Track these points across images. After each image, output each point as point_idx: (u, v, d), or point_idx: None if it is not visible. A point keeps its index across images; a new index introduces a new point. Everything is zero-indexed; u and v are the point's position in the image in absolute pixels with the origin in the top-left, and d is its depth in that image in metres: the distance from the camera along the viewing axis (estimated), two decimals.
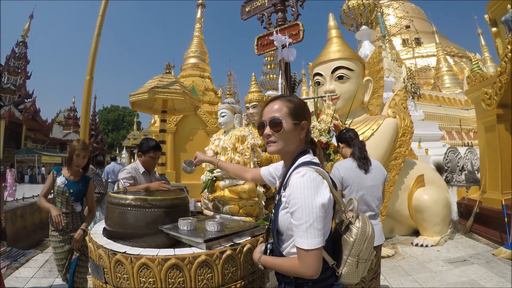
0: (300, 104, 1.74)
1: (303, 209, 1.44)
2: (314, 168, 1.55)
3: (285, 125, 1.66)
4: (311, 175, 1.49)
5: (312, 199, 1.44)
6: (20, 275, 5.60)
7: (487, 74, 8.28)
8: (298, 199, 1.46)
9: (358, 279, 1.65)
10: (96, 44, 8.01)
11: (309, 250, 1.41)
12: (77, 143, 3.81)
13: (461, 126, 20.40)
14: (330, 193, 1.50)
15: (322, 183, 1.50)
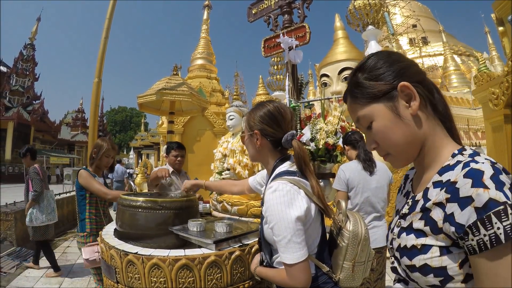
0: (254, 113, 1.76)
1: (279, 225, 1.43)
2: (288, 179, 1.53)
3: (246, 137, 1.77)
4: (283, 189, 1.48)
5: (287, 214, 1.42)
6: (29, 274, 5.68)
7: (494, 74, 8.25)
8: (274, 216, 1.46)
9: (359, 282, 1.65)
10: (104, 46, 8.09)
11: (293, 265, 1.41)
12: (104, 143, 3.70)
13: (469, 126, 20.28)
14: (308, 203, 1.49)
15: (297, 194, 1.49)
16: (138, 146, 45.83)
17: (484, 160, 0.83)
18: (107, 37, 8.25)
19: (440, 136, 0.97)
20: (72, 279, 5.48)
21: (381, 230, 3.17)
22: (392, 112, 0.96)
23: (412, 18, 31.51)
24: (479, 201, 0.76)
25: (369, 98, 0.99)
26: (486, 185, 0.77)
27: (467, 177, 0.80)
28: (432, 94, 0.98)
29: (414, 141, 0.97)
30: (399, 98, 0.95)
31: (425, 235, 0.89)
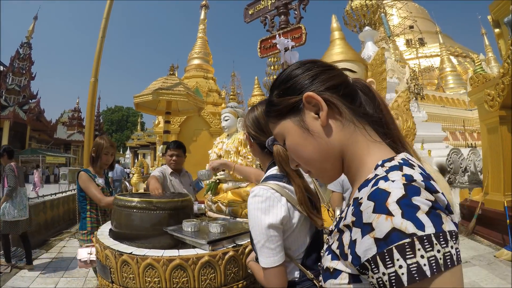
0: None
1: (255, 230, 1.45)
2: (271, 184, 1.53)
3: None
4: (263, 195, 1.48)
5: (261, 221, 1.43)
6: (25, 274, 5.66)
7: (490, 76, 8.29)
8: (251, 220, 1.48)
9: None
10: (101, 46, 8.08)
11: (267, 269, 1.43)
12: (103, 140, 3.69)
13: (465, 127, 20.37)
14: (287, 212, 1.48)
15: (276, 202, 1.48)
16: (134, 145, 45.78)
17: (398, 177, 0.68)
18: (103, 37, 8.25)
19: (363, 144, 0.85)
20: (68, 279, 5.47)
21: None
22: (300, 126, 0.89)
23: (409, 19, 31.62)
24: (380, 231, 0.63)
25: (278, 115, 0.94)
26: (390, 211, 0.63)
27: (370, 199, 0.67)
28: (353, 98, 0.88)
29: (330, 155, 0.87)
30: (306, 110, 0.88)
31: (338, 259, 0.78)
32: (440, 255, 0.59)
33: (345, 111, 0.85)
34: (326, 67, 0.91)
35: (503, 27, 9.91)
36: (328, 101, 0.84)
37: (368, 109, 0.88)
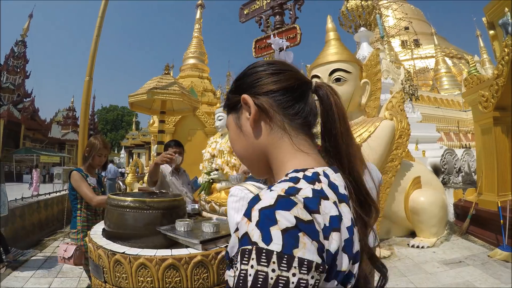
0: None
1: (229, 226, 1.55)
2: (247, 185, 1.59)
3: None
4: (238, 194, 1.54)
5: (233, 219, 1.50)
6: (19, 274, 5.63)
7: (484, 77, 8.33)
8: (228, 219, 1.56)
9: None
10: (96, 45, 8.05)
11: None
12: (96, 141, 3.65)
13: (459, 128, 20.46)
14: None
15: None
16: (129, 145, 45.69)
17: (279, 188, 0.68)
18: (98, 36, 8.22)
19: (287, 151, 0.85)
20: (61, 279, 5.44)
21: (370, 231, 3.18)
22: (236, 124, 0.93)
23: (404, 21, 31.74)
24: (240, 232, 0.65)
25: (227, 109, 0.98)
26: (251, 216, 0.64)
27: (249, 202, 0.69)
28: (291, 105, 0.86)
29: (255, 154, 0.90)
30: (243, 110, 0.90)
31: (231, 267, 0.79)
32: (273, 275, 0.57)
33: (276, 117, 0.86)
34: (276, 71, 0.88)
35: (497, 29, 9.95)
36: (261, 105, 0.85)
37: (310, 118, 0.88)
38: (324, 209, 0.66)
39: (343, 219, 0.69)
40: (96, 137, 3.73)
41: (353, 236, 0.70)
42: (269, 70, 0.88)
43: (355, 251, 0.69)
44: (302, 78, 0.88)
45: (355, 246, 0.70)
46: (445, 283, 5.02)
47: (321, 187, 0.71)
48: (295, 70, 0.89)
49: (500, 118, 7.32)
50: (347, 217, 0.70)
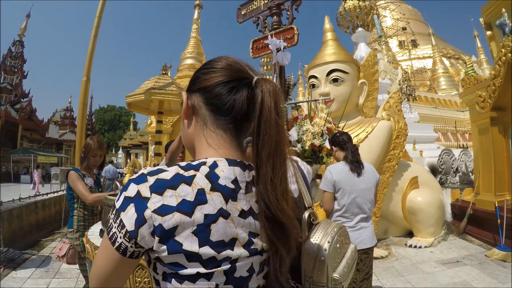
0: None
1: None
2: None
3: None
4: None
5: None
6: (17, 275, 5.62)
7: (481, 77, 8.35)
8: None
9: None
10: (93, 45, 8.05)
11: None
12: (92, 141, 3.65)
13: (456, 128, 20.49)
14: None
15: None
16: (127, 145, 45.63)
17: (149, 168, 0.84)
18: (96, 36, 8.21)
19: (203, 144, 0.94)
20: (59, 280, 5.44)
21: (368, 231, 3.18)
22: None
23: (402, 21, 31.75)
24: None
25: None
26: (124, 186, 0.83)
27: None
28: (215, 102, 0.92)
29: (188, 143, 1.00)
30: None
31: None
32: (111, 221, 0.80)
33: (201, 112, 0.94)
34: (210, 69, 0.94)
35: (494, 29, 9.99)
36: (191, 101, 0.96)
37: (236, 114, 0.91)
38: (180, 192, 0.77)
39: (206, 206, 0.77)
40: (92, 138, 3.75)
41: (213, 224, 0.77)
42: (204, 69, 0.96)
43: (216, 240, 0.76)
44: (235, 75, 0.91)
45: (219, 236, 0.77)
46: (442, 282, 5.03)
47: (193, 174, 0.80)
48: (231, 68, 0.92)
49: (497, 118, 7.34)
50: (213, 205, 0.78)
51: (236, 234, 0.80)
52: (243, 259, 0.80)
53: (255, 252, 0.82)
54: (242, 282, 0.81)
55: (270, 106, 0.85)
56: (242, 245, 0.80)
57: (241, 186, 0.84)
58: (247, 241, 0.81)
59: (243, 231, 0.81)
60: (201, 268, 0.76)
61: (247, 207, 0.83)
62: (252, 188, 0.86)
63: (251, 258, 0.81)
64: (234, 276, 0.79)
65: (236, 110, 0.90)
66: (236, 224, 0.80)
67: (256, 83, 0.89)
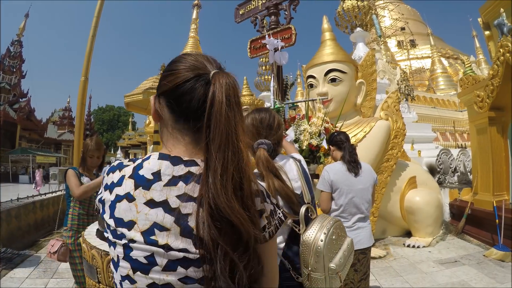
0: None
1: None
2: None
3: None
4: None
5: None
6: (15, 275, 5.61)
7: (479, 77, 8.37)
8: None
9: None
10: (91, 45, 8.04)
11: None
12: (90, 142, 3.67)
13: (455, 128, 20.51)
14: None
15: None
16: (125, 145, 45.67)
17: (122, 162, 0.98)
18: (94, 35, 8.20)
19: (163, 142, 1.02)
20: (57, 280, 5.43)
21: (365, 231, 3.18)
22: None
23: (400, 21, 31.76)
24: None
25: None
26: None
27: None
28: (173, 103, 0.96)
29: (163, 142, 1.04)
30: None
31: None
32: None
33: (163, 113, 1.00)
34: (169, 72, 0.98)
35: (493, 29, 9.97)
36: (157, 104, 1.01)
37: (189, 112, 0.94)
38: (113, 176, 0.94)
39: (119, 188, 0.90)
40: (92, 139, 3.75)
41: (118, 203, 0.88)
42: (165, 72, 1.01)
43: (118, 216, 0.87)
44: (193, 74, 0.93)
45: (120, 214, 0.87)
46: (440, 282, 5.04)
47: (127, 164, 0.95)
48: (189, 67, 0.95)
49: (495, 118, 7.35)
50: (124, 188, 0.89)
51: (136, 218, 0.85)
52: (140, 244, 0.83)
53: (154, 244, 0.83)
54: (140, 266, 0.84)
55: (220, 99, 0.86)
56: (140, 231, 0.84)
57: (161, 179, 0.88)
58: (147, 230, 0.83)
59: (145, 218, 0.84)
60: (110, 235, 0.89)
61: (160, 199, 0.86)
62: (181, 183, 0.88)
63: (149, 247, 0.83)
64: (131, 255, 0.84)
65: (192, 110, 0.93)
66: (139, 210, 0.85)
67: (212, 78, 0.91)
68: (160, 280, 0.83)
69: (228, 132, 0.85)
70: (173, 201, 0.85)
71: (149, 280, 0.84)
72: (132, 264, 0.84)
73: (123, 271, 0.86)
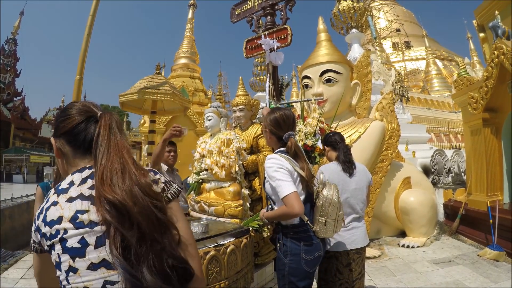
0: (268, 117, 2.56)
1: (271, 173, 2.26)
2: (279, 154, 2.38)
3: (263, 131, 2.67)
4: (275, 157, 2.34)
5: (275, 165, 2.28)
6: (9, 276, 5.58)
7: (474, 79, 8.40)
8: (267, 173, 2.31)
9: (331, 234, 2.39)
10: (86, 44, 7.99)
11: (287, 195, 2.14)
12: None
13: (449, 129, 20.59)
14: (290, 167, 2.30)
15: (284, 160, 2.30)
16: None
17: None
18: (89, 34, 8.14)
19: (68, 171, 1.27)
20: None
21: (360, 231, 3.18)
22: None
23: (396, 23, 31.87)
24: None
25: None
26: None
27: None
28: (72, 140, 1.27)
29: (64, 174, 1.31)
30: None
31: None
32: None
33: (65, 150, 1.28)
34: (65, 117, 1.28)
35: (487, 31, 10.03)
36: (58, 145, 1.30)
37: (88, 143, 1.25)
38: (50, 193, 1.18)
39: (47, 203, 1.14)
40: None
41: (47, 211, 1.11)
42: (61, 117, 1.30)
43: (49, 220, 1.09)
44: (85, 116, 1.27)
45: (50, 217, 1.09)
46: (435, 282, 5.05)
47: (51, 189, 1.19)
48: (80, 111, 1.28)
49: (489, 120, 7.39)
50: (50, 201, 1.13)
51: (62, 213, 1.08)
52: (71, 231, 1.05)
53: (81, 226, 1.06)
54: (76, 252, 1.04)
55: (103, 127, 1.21)
56: (68, 220, 1.06)
57: (74, 183, 1.16)
58: (72, 216, 1.07)
59: (68, 209, 1.08)
60: (48, 241, 1.08)
61: (76, 194, 1.12)
62: (89, 180, 1.17)
63: (79, 231, 1.05)
64: (67, 246, 1.04)
65: (88, 140, 1.24)
66: (63, 207, 1.09)
67: (99, 117, 1.26)
68: (96, 258, 1.03)
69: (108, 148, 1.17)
70: (86, 191, 1.13)
71: (87, 262, 1.03)
72: (70, 253, 1.04)
73: (65, 265, 1.04)
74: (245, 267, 2.88)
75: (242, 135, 4.66)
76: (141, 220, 1.05)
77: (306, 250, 2.32)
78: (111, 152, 1.17)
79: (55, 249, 1.06)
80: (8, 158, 30.26)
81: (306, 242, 2.34)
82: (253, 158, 4.44)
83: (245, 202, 3.98)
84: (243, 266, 2.81)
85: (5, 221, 7.20)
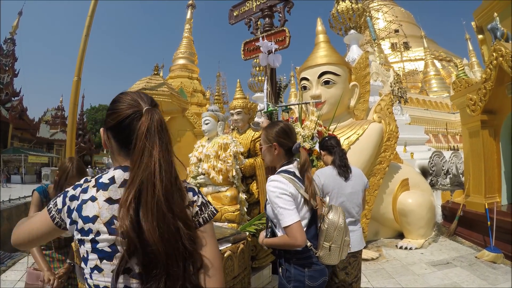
0: (270, 130, 2.42)
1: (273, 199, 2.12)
2: (282, 175, 2.22)
3: (264, 148, 2.46)
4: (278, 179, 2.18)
5: (277, 190, 2.12)
6: (6, 278, 5.57)
7: (472, 80, 8.41)
8: (269, 197, 2.17)
9: (335, 261, 2.27)
10: (84, 44, 7.99)
11: (289, 225, 2.02)
12: (70, 166, 2.97)
13: (447, 130, 20.60)
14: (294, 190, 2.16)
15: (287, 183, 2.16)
16: None
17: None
18: (87, 35, 8.15)
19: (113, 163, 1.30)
20: None
21: (356, 235, 3.19)
22: None
23: (394, 23, 31.87)
24: None
25: None
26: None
27: None
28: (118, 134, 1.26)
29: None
30: None
31: None
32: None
33: (111, 141, 1.28)
34: (113, 111, 1.26)
35: (486, 33, 10.04)
36: (106, 135, 1.30)
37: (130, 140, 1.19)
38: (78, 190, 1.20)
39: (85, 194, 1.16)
40: (72, 160, 3.08)
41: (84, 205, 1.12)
42: (109, 110, 1.27)
43: (85, 215, 1.10)
44: (130, 112, 1.22)
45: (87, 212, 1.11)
46: (432, 284, 5.06)
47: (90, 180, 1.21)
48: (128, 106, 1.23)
49: (487, 122, 7.40)
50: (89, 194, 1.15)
51: (98, 212, 1.09)
52: (104, 235, 1.07)
53: (115, 232, 1.06)
54: (105, 255, 1.07)
55: (144, 127, 1.15)
56: (103, 222, 1.08)
57: (116, 181, 1.16)
58: (108, 221, 1.08)
59: (106, 211, 1.10)
60: (78, 235, 1.11)
61: (116, 197, 1.13)
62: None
63: (112, 237, 1.07)
64: (97, 247, 1.07)
65: (131, 137, 1.18)
66: (101, 206, 1.10)
67: (145, 113, 1.20)
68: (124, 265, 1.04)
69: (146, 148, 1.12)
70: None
71: (113, 266, 1.05)
72: (98, 255, 1.07)
73: (92, 263, 1.08)
74: (242, 272, 2.88)
75: (239, 138, 4.65)
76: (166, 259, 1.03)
77: (311, 276, 2.24)
78: (144, 161, 1.11)
79: (84, 246, 1.10)
80: (6, 158, 30.18)
81: (310, 268, 2.24)
82: (251, 162, 4.43)
83: (242, 206, 3.99)
84: (240, 271, 2.80)
85: (3, 223, 7.18)
